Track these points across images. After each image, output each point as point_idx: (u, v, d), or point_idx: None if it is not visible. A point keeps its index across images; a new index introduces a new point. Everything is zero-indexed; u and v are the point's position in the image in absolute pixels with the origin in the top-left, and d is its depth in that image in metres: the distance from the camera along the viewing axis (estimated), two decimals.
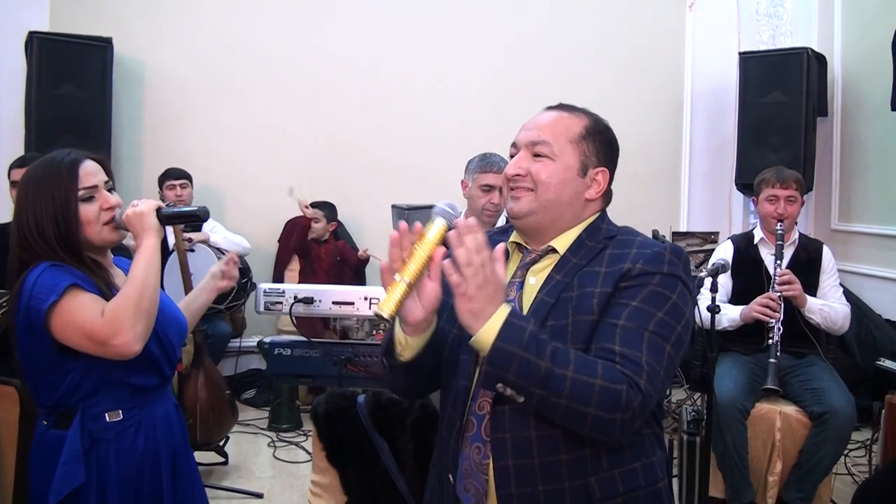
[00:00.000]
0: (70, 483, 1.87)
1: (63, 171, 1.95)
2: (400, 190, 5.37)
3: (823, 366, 3.62)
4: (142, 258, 1.93)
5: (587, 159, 1.76)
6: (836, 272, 3.76)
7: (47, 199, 1.93)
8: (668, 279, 1.64)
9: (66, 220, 1.92)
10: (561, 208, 1.74)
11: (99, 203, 1.98)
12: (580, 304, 1.64)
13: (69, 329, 1.84)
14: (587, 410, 1.49)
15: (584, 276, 1.68)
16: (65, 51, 5.13)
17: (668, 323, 1.60)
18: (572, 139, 1.76)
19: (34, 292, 1.84)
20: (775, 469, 3.45)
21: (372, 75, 6.09)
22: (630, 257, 1.66)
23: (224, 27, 5.86)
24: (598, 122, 1.82)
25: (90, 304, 1.85)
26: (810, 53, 5.47)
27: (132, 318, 1.83)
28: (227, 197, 5.88)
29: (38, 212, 1.92)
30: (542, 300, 1.68)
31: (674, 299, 1.63)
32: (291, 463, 4.47)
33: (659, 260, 1.65)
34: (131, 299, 1.85)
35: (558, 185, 1.73)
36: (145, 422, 2.02)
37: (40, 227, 1.92)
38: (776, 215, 3.68)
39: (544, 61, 6.28)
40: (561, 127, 1.77)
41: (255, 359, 5.76)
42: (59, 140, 5.01)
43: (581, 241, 1.75)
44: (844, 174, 5.65)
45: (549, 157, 1.74)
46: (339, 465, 2.50)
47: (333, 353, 3.05)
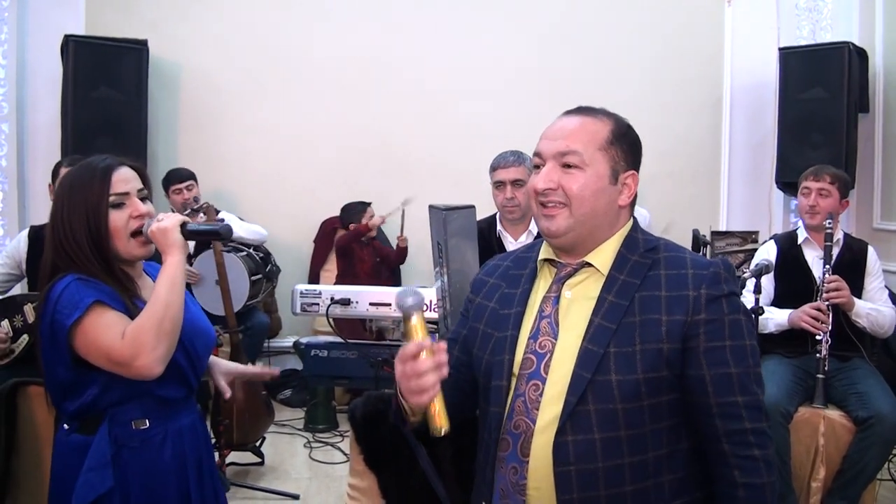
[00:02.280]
0: (96, 489, 1.86)
1: (97, 175, 1.94)
2: (435, 189, 5.34)
3: (868, 369, 3.53)
4: (166, 277, 1.91)
5: (617, 165, 1.70)
6: (881, 274, 3.67)
7: (80, 203, 1.92)
8: (732, 300, 1.65)
9: (97, 226, 1.92)
10: (598, 219, 1.70)
11: (129, 211, 1.96)
12: (647, 332, 1.61)
13: (91, 348, 1.83)
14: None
15: (644, 300, 1.64)
16: (100, 54, 5.18)
17: (753, 346, 1.66)
18: (601, 146, 1.69)
19: (59, 305, 1.83)
20: (818, 475, 3.37)
21: (405, 74, 6.08)
22: (690, 281, 1.64)
23: (258, 29, 5.88)
24: (621, 123, 1.75)
25: (113, 325, 1.83)
26: (851, 48, 5.36)
27: (154, 340, 1.81)
28: (262, 197, 5.89)
29: (71, 215, 1.92)
30: (600, 325, 1.63)
31: (743, 319, 1.66)
32: (328, 464, 4.47)
33: (719, 281, 1.64)
34: (153, 321, 1.83)
35: (592, 196, 1.67)
36: (172, 432, 2.00)
37: (73, 231, 1.91)
38: (807, 208, 3.62)
39: (580, 58, 6.23)
40: (588, 133, 1.70)
41: (291, 359, 5.77)
42: (96, 143, 5.06)
43: (622, 256, 1.70)
44: (887, 172, 5.53)
45: (580, 168, 1.67)
46: (377, 468, 2.47)
47: (370, 355, 3.04)
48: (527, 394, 1.65)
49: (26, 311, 3.36)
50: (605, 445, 1.57)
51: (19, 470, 2.79)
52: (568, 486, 1.57)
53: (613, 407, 1.57)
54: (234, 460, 4.23)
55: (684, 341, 1.60)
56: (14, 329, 3.35)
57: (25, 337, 3.34)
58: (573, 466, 1.57)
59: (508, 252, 1.94)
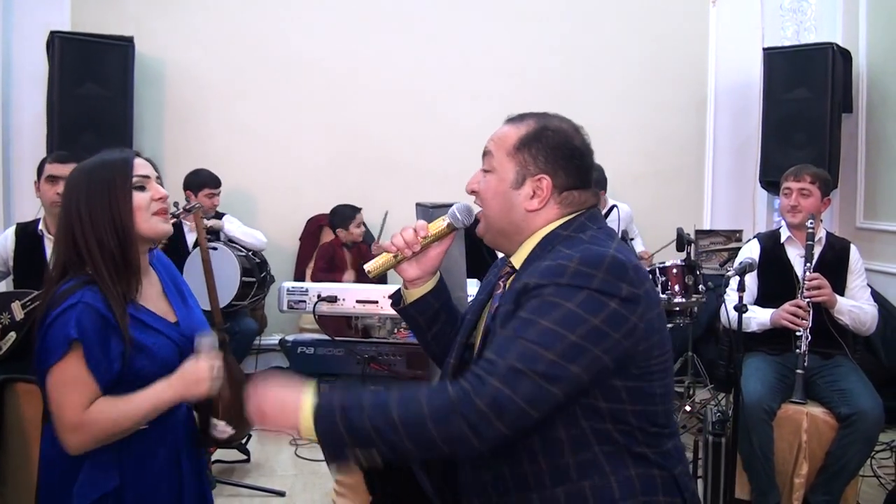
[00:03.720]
0: (101, 487, 1.86)
1: (117, 163, 1.96)
2: (422, 189, 5.33)
3: (850, 366, 3.56)
4: (154, 402, 1.88)
5: (524, 169, 1.71)
6: (863, 272, 3.71)
7: (103, 189, 1.91)
8: (564, 289, 1.54)
9: (121, 209, 1.91)
10: (503, 223, 1.75)
11: (151, 193, 1.97)
12: (492, 324, 1.69)
13: (52, 395, 1.82)
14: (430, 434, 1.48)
15: (506, 294, 1.71)
16: (86, 50, 5.15)
17: (554, 331, 1.50)
18: (509, 150, 1.73)
19: (50, 332, 1.82)
20: (801, 471, 3.40)
21: (393, 75, 6.09)
22: (539, 272, 1.59)
23: (245, 27, 5.87)
24: (544, 126, 1.74)
25: (72, 390, 1.81)
26: (835, 49, 5.41)
27: (100, 438, 1.83)
28: (247, 196, 5.89)
29: (92, 203, 1.90)
30: (486, 325, 1.76)
31: (568, 307, 1.52)
32: (314, 461, 4.46)
33: (557, 272, 1.56)
34: (115, 427, 1.83)
35: (494, 199, 1.74)
36: (170, 427, 2.02)
37: (94, 221, 1.89)
38: (788, 207, 3.65)
39: (565, 59, 6.25)
40: (501, 139, 1.77)
41: (277, 357, 5.77)
42: (81, 139, 5.05)
43: (533, 255, 1.71)
44: (869, 171, 5.58)
45: (491, 171, 1.75)
46: None
47: (357, 352, 3.04)
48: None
49: (14, 308, 3.35)
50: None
51: (7, 467, 2.78)
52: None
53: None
54: (220, 458, 4.23)
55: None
56: (1, 326, 3.33)
57: (13, 334, 3.32)
58: None
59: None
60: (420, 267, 1.90)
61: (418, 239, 1.84)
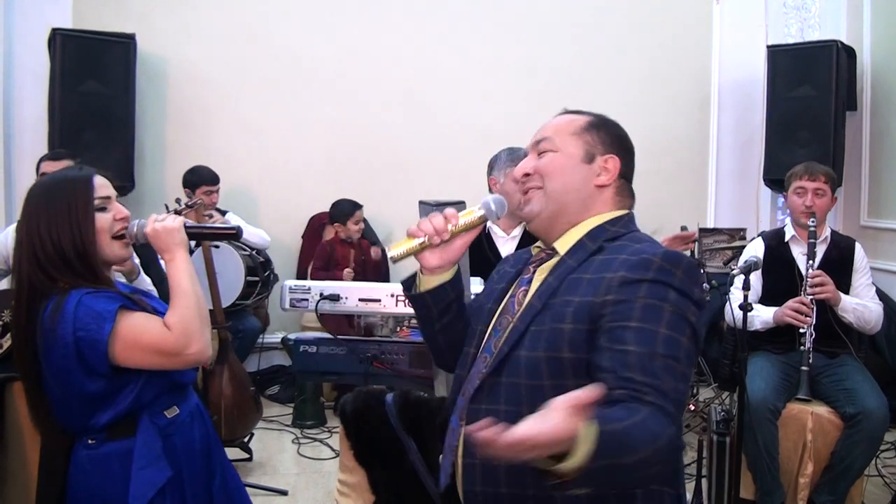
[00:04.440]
0: (156, 482, 1.90)
1: (79, 183, 1.95)
2: (425, 187, 5.33)
3: (856, 365, 3.55)
4: (183, 271, 1.97)
5: (592, 148, 1.77)
6: (868, 271, 3.69)
7: (63, 211, 1.90)
8: (655, 287, 1.55)
9: (83, 231, 1.90)
10: (569, 196, 1.76)
11: (112, 213, 1.98)
12: (557, 312, 1.63)
13: (136, 351, 1.85)
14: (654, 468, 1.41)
15: (571, 281, 1.66)
16: (88, 48, 5.13)
17: (674, 338, 1.51)
18: (574, 131, 1.79)
19: (80, 323, 1.81)
20: (806, 470, 3.39)
21: (396, 72, 6.07)
22: (615, 264, 1.61)
23: (248, 24, 5.85)
24: (604, 118, 1.84)
25: (149, 323, 1.89)
26: (839, 46, 5.38)
27: (200, 327, 1.92)
28: (250, 193, 5.87)
29: (52, 224, 1.89)
30: (531, 304, 1.69)
31: (669, 309, 1.53)
32: (316, 460, 4.46)
33: (644, 266, 1.57)
34: (193, 310, 1.91)
35: (562, 171, 1.75)
36: (194, 412, 2.09)
37: (55, 241, 1.88)
38: (804, 208, 3.61)
39: (568, 57, 6.24)
40: (561, 124, 1.81)
41: (279, 355, 5.76)
42: (83, 137, 5.04)
43: (581, 243, 1.73)
44: (874, 169, 5.56)
45: (552, 151, 1.77)
46: (367, 464, 2.47)
47: (359, 351, 3.03)
48: (477, 364, 1.75)
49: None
50: (508, 417, 1.56)
51: (6, 468, 2.78)
52: (470, 449, 1.65)
53: (518, 381, 1.63)
54: None
55: (591, 322, 1.57)
56: (2, 324, 3.32)
57: None
58: (478, 460, 1.63)
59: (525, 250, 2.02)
60: (443, 256, 1.83)
61: (448, 227, 1.79)
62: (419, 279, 1.89)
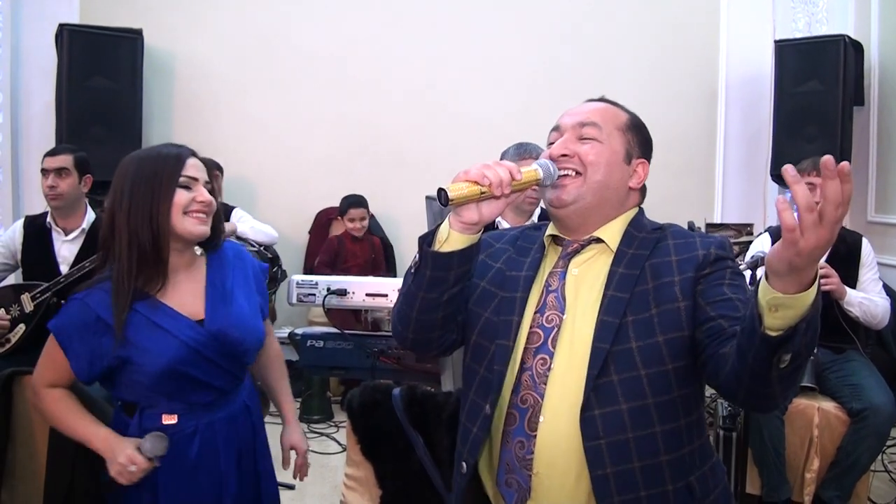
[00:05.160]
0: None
1: (169, 158, 1.98)
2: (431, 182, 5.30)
3: (862, 361, 3.55)
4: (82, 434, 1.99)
5: (631, 149, 1.77)
6: (875, 266, 3.68)
7: (147, 183, 1.93)
8: (732, 261, 1.69)
9: (160, 205, 1.93)
10: (608, 192, 1.73)
11: (194, 195, 1.98)
12: (661, 295, 1.62)
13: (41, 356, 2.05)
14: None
15: (655, 267, 1.66)
16: (95, 43, 5.15)
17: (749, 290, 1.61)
18: (619, 126, 1.77)
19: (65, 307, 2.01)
20: (813, 466, 3.39)
21: (403, 68, 6.07)
22: (700, 244, 1.68)
23: (255, 19, 5.86)
24: (639, 119, 1.84)
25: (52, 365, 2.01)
26: (847, 41, 5.36)
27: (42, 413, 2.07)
28: (257, 188, 5.88)
29: (134, 194, 1.93)
30: (613, 296, 1.64)
31: (744, 280, 1.68)
32: (323, 454, 4.47)
33: (726, 247, 1.69)
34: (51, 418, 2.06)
35: (607, 166, 1.72)
36: (202, 427, 2.04)
37: (133, 210, 1.92)
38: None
39: (576, 52, 6.22)
40: (609, 114, 1.78)
41: (286, 350, 5.73)
42: (90, 132, 5.06)
43: (630, 234, 1.73)
44: (881, 164, 5.53)
45: (597, 140, 1.72)
46: (374, 458, 2.48)
47: (366, 346, 3.03)
48: (534, 368, 1.65)
49: (24, 300, 3.36)
50: (633, 415, 1.56)
51: (15, 459, 2.79)
52: (600, 461, 1.56)
53: (637, 374, 1.58)
54: None
55: (692, 298, 1.61)
56: (11, 318, 3.33)
57: (22, 326, 3.33)
58: (603, 440, 1.56)
59: (513, 227, 1.98)
60: (487, 212, 1.62)
61: (510, 181, 1.60)
62: (447, 236, 1.64)
